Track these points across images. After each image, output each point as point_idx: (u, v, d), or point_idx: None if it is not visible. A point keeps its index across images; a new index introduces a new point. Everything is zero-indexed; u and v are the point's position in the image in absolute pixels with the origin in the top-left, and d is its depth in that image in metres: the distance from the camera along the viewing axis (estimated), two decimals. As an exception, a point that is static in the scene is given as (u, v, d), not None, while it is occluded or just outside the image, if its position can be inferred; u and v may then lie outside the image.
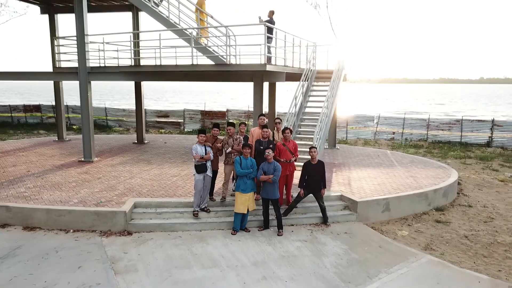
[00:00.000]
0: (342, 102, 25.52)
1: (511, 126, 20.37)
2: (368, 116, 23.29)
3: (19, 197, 9.29)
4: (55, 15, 17.08)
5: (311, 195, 8.82)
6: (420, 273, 6.83)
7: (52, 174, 11.49)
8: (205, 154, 8.46)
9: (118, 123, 27.50)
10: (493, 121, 20.57)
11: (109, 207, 8.55)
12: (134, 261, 7.07)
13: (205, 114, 25.93)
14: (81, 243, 7.77)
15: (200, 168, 8.41)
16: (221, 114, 25.71)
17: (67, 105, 28.36)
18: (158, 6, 12.65)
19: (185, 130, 25.70)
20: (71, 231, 8.33)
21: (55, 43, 16.18)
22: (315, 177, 8.58)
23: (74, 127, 27.40)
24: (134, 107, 30.72)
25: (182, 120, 26.11)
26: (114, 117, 27.68)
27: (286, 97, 16.62)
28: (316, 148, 8.82)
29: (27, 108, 30.18)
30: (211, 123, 25.75)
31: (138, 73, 13.54)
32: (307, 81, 13.85)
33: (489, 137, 20.41)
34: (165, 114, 26.72)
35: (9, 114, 30.12)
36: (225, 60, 11.45)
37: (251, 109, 22.26)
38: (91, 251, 7.44)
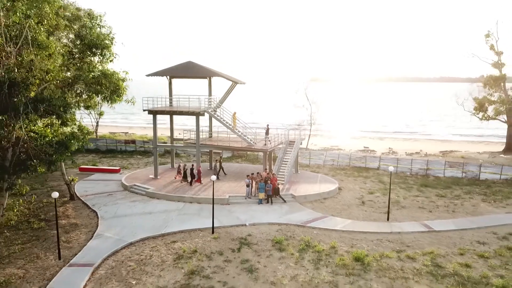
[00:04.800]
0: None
1: (394, 159, 41.11)
2: (321, 150, 44.15)
3: (198, 196, 30.20)
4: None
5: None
6: (306, 213, 27.72)
7: (197, 188, 32.37)
8: (249, 181, 29.46)
9: (182, 151, 48.49)
10: (380, 156, 41.49)
11: (222, 196, 29.53)
12: (235, 209, 28.09)
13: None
14: (220, 207, 28.64)
15: (247, 185, 29.45)
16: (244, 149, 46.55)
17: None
18: (215, 111, 33.65)
19: (223, 156, 46.64)
20: (214, 204, 29.21)
21: (173, 128, 37.18)
22: (277, 190, 29.58)
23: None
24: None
25: (221, 151, 47.08)
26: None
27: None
28: (281, 185, 29.91)
29: (126, 142, 51.23)
30: (237, 153, 46.81)
31: (214, 146, 34.24)
32: (285, 145, 34.96)
33: (378, 165, 41.26)
34: (211, 147, 47.61)
35: (115, 145, 51.19)
36: (252, 143, 32.40)
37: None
38: (222, 208, 28.40)
